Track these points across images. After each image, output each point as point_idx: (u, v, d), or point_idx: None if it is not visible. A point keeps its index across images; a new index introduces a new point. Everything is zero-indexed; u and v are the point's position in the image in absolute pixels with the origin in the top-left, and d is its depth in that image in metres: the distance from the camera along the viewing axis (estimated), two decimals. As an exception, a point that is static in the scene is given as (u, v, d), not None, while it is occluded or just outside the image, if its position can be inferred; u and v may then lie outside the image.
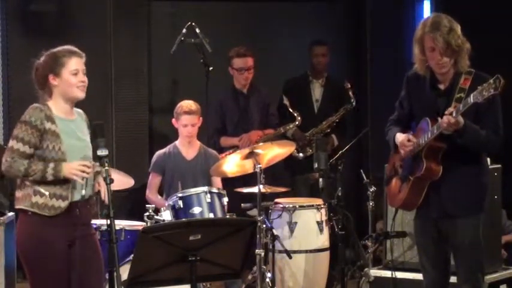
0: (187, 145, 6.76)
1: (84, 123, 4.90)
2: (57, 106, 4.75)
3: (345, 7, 9.12)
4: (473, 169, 4.88)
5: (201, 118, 6.76)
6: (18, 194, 4.75)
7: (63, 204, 4.69)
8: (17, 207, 4.75)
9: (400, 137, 5.01)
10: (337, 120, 7.73)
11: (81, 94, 4.76)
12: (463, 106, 4.61)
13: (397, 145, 5.04)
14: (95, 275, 4.84)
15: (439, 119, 4.74)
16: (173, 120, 6.76)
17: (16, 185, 4.79)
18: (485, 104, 4.61)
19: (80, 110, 4.86)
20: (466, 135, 4.70)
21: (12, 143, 4.67)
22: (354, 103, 7.64)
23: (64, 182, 4.69)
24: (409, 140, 4.93)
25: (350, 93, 7.61)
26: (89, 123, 4.92)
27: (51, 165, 4.64)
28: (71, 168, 4.64)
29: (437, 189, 4.87)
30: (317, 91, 8.04)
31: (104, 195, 4.73)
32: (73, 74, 4.73)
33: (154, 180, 6.78)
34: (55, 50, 4.79)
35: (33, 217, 4.68)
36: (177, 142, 6.82)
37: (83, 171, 4.64)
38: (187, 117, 6.65)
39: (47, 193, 4.66)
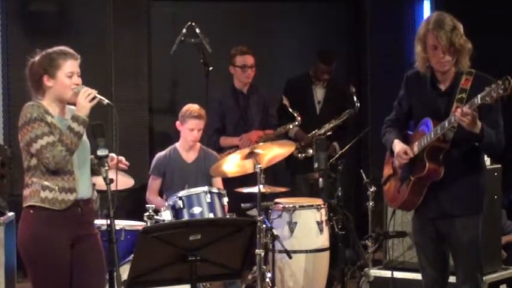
0: (188, 148, 6.75)
1: None
2: (50, 105, 4.74)
3: (345, 7, 9.13)
4: (471, 169, 4.87)
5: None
6: (26, 192, 4.73)
7: (72, 197, 4.70)
8: (25, 204, 4.72)
9: (398, 146, 4.96)
10: (339, 124, 7.70)
11: (74, 97, 4.74)
12: (470, 106, 4.58)
13: (393, 150, 5.01)
14: (97, 275, 4.84)
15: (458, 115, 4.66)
16: (177, 123, 6.73)
17: (24, 184, 4.78)
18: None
19: (72, 107, 4.85)
20: (484, 140, 4.67)
21: (38, 144, 4.62)
22: (357, 107, 7.60)
23: (69, 173, 4.70)
24: (406, 153, 4.90)
25: (354, 97, 7.57)
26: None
27: (70, 123, 4.66)
28: (81, 101, 4.66)
29: (436, 189, 4.86)
30: (319, 92, 8.02)
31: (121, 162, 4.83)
32: (68, 76, 4.72)
33: (154, 183, 6.78)
34: (50, 50, 4.77)
35: (38, 214, 4.66)
36: (177, 145, 6.80)
37: (90, 93, 4.68)
38: (195, 121, 6.63)
39: (56, 187, 4.66)
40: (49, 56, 4.75)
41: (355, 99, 7.55)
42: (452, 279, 5.06)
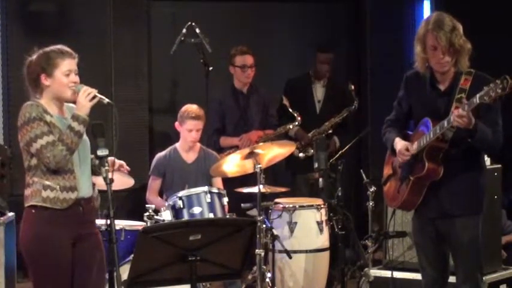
0: (188, 148, 6.75)
1: None
2: (48, 104, 4.74)
3: (345, 7, 9.13)
4: (471, 169, 4.87)
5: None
6: (27, 192, 4.73)
7: (73, 195, 4.70)
8: (27, 204, 4.72)
9: (399, 143, 4.96)
10: (339, 122, 7.71)
11: (74, 96, 4.74)
12: (469, 105, 4.59)
13: (394, 149, 5.02)
14: (98, 274, 4.84)
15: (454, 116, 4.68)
16: (176, 123, 6.74)
17: (25, 184, 4.78)
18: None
19: (71, 105, 4.84)
20: (477, 135, 4.67)
21: (37, 144, 4.61)
22: (356, 105, 7.61)
23: (69, 172, 4.70)
24: (407, 150, 4.91)
25: (353, 94, 7.58)
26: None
27: (71, 122, 4.66)
28: (82, 100, 4.66)
29: (436, 189, 4.86)
30: (319, 91, 8.03)
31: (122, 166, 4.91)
32: (65, 74, 4.72)
33: (154, 183, 6.78)
34: (48, 49, 4.77)
35: (40, 214, 4.66)
36: (177, 145, 6.80)
37: (90, 92, 4.67)
38: (193, 122, 6.63)
39: (57, 187, 4.66)
40: (47, 54, 4.75)
41: (354, 97, 7.57)
42: (452, 279, 5.06)
